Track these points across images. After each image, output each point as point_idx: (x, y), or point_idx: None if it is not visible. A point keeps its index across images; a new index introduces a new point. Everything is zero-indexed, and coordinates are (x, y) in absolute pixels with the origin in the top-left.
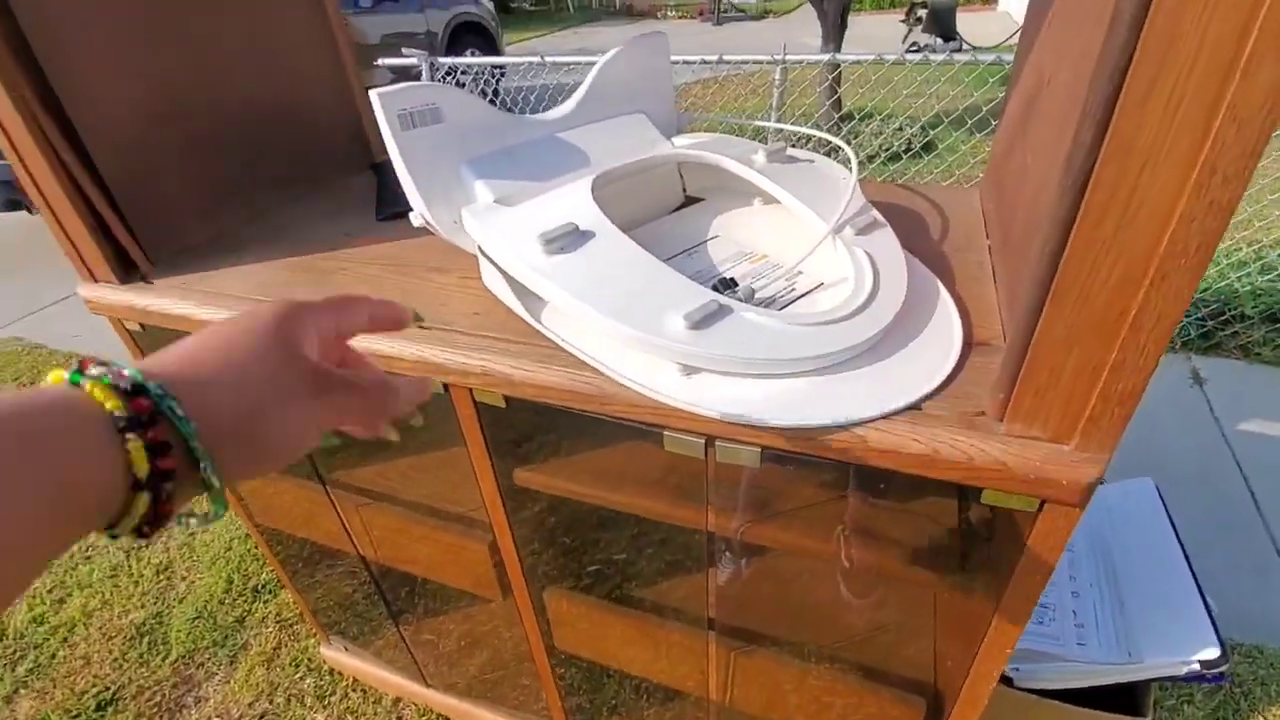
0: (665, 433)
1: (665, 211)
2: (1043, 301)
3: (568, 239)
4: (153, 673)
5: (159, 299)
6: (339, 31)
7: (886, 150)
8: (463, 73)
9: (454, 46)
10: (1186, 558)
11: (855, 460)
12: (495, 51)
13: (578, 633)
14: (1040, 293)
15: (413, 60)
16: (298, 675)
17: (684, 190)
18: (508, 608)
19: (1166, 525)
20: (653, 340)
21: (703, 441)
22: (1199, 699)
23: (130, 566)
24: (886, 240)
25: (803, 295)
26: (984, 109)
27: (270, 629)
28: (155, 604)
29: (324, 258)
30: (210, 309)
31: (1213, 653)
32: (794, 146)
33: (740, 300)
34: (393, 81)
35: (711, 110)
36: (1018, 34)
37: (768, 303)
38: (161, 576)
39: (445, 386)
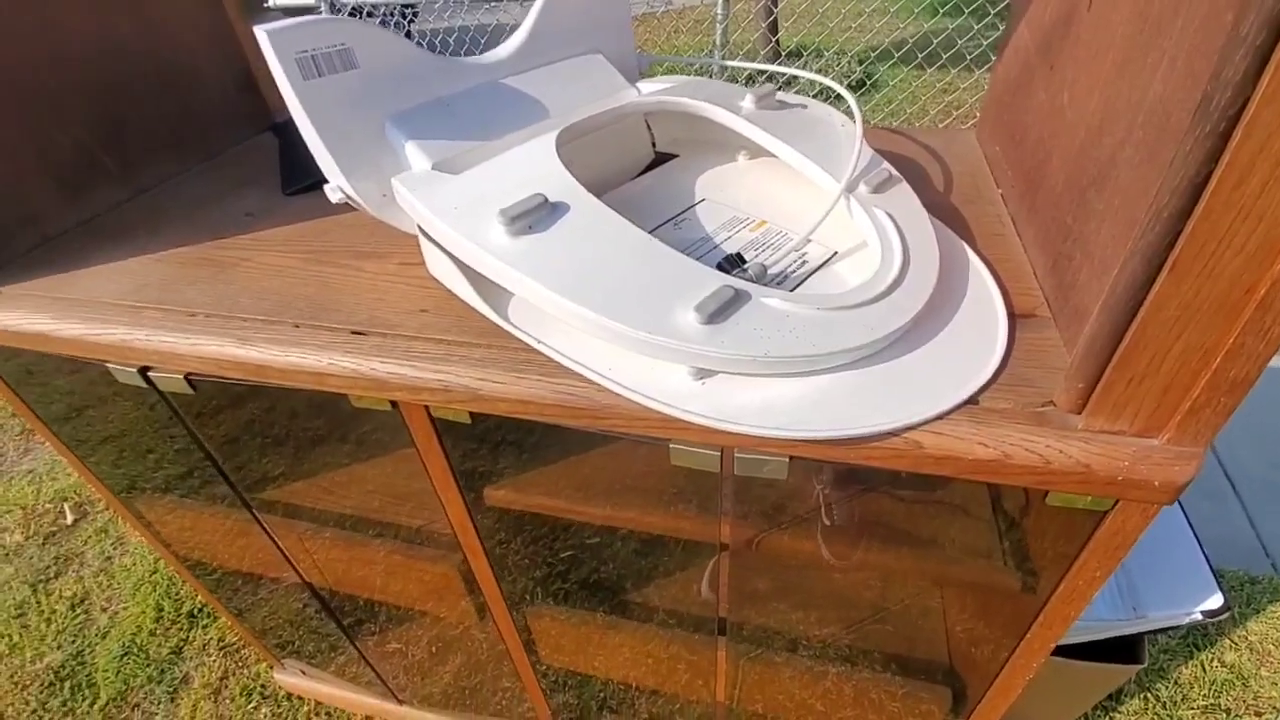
0: (672, 445)
1: (635, 172)
2: (1151, 278)
3: (536, 215)
4: None
5: (3, 313)
6: None
7: (831, 91)
8: (368, 14)
9: None
10: (1182, 507)
11: (908, 469)
12: None
13: (568, 650)
14: (1148, 268)
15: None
16: (250, 706)
17: (654, 145)
18: (483, 620)
19: None
20: (662, 342)
21: (718, 454)
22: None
23: (38, 602)
24: (906, 198)
25: (817, 269)
26: (934, 41)
27: (213, 657)
28: (74, 642)
29: (221, 246)
30: (75, 324)
31: (1216, 602)
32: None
33: (753, 281)
34: None
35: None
36: None
37: (780, 279)
38: (78, 611)
39: (393, 403)
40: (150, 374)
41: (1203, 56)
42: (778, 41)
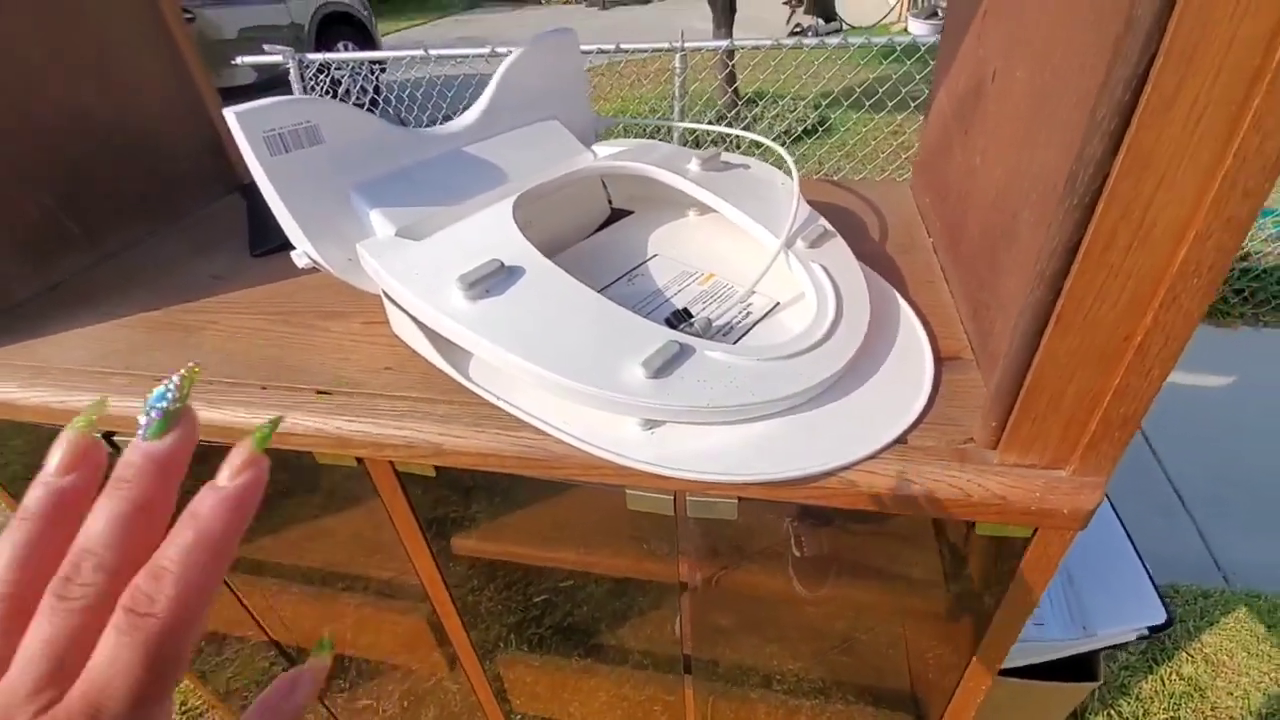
0: (628, 491)
1: (592, 229)
2: (1041, 329)
3: (493, 279)
4: None
5: None
6: (176, 27)
7: (790, 135)
8: (337, 69)
9: (323, 40)
10: (1123, 525)
11: (843, 505)
12: (371, 44)
13: (541, 696)
14: (1038, 321)
15: (278, 58)
16: None
17: (610, 202)
18: (454, 670)
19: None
20: (611, 397)
21: (670, 498)
22: (1130, 643)
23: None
24: (840, 252)
25: (761, 319)
26: (880, 90)
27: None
28: None
29: (188, 309)
30: (40, 389)
31: (1159, 617)
32: (688, 145)
33: (699, 335)
34: (257, 81)
35: (601, 100)
36: (891, 13)
37: (725, 331)
38: None
39: (359, 459)
40: (115, 439)
41: (1079, 133)
42: (735, 90)
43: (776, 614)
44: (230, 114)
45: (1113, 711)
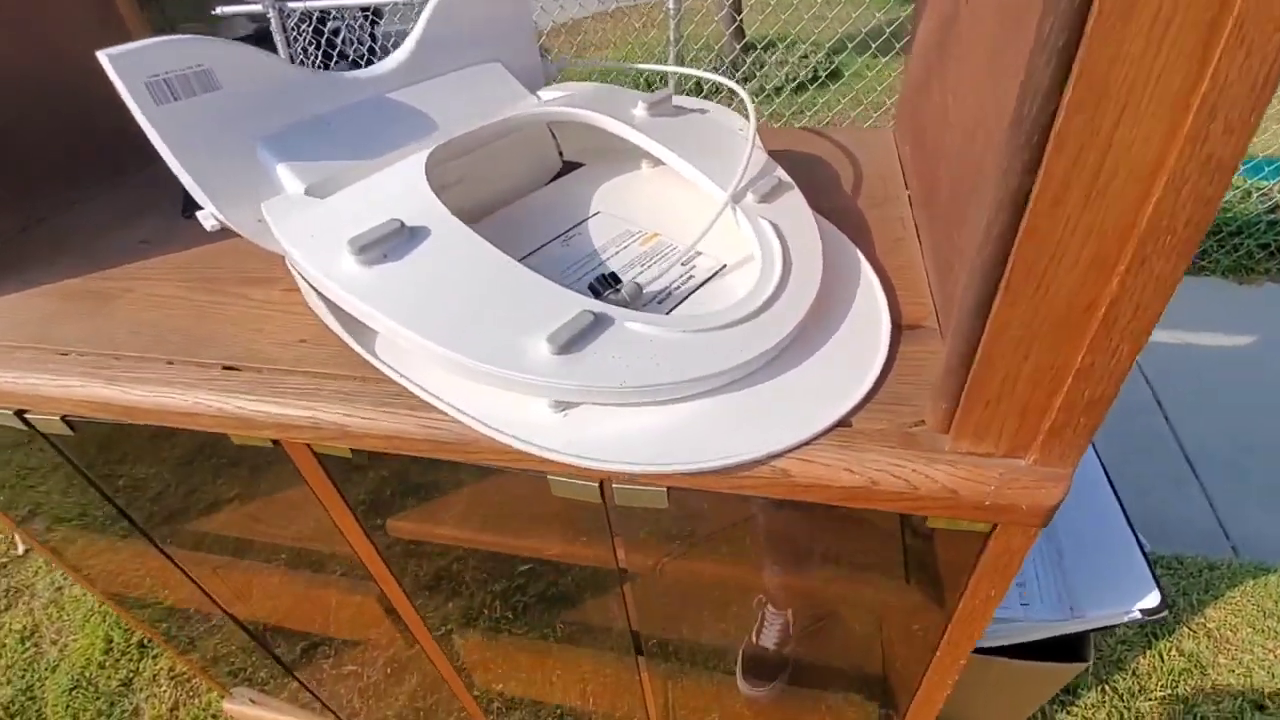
0: (549, 477)
1: (541, 183)
2: (991, 296)
3: (390, 242)
4: None
5: None
6: None
7: (793, 81)
8: (320, 20)
9: None
10: (1119, 501)
11: (779, 496)
12: None
13: (502, 675)
14: (987, 286)
15: (257, 6)
16: None
17: (560, 155)
18: (413, 648)
19: (1098, 469)
20: (510, 376)
21: (596, 485)
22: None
23: None
24: (794, 206)
25: (704, 283)
26: (887, 30)
27: (164, 687)
28: (23, 677)
29: (108, 276)
30: None
31: (1153, 600)
32: (689, 93)
33: (624, 303)
34: (255, 33)
35: (608, 46)
36: None
37: (662, 297)
38: (28, 644)
39: (275, 440)
40: (27, 416)
41: None
42: (741, 32)
43: (726, 597)
44: (103, 56)
45: (1107, 688)
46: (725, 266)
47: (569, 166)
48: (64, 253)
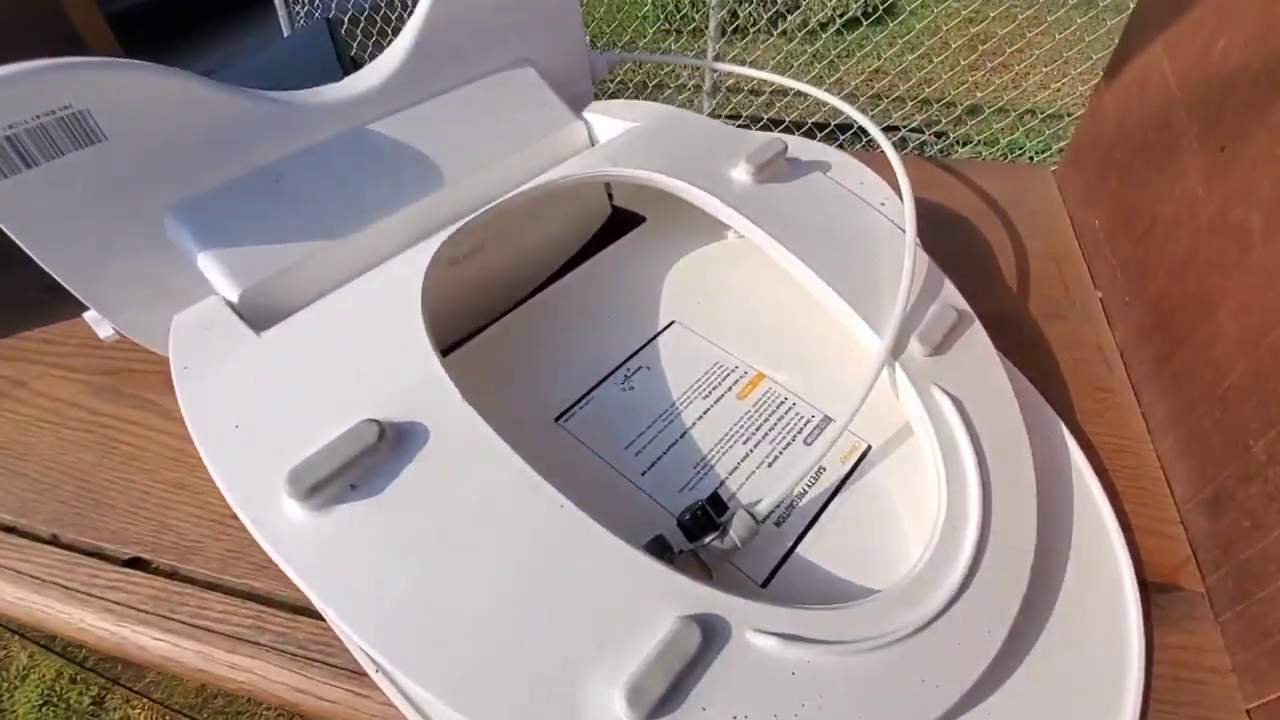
0: None
1: (583, 238)
2: None
3: (362, 465)
4: None
5: None
6: None
7: (842, 15)
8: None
9: None
10: None
11: None
12: None
13: None
14: None
15: None
16: None
17: (610, 198)
18: None
19: None
20: None
21: None
22: None
23: None
24: (979, 359)
25: (840, 486)
26: None
27: (138, 710)
28: None
29: (7, 346)
30: None
31: None
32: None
33: (732, 550)
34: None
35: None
36: None
37: (780, 517)
38: None
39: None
40: None
41: None
42: None
43: None
44: None
45: None
46: (870, 450)
47: (620, 214)
48: None
